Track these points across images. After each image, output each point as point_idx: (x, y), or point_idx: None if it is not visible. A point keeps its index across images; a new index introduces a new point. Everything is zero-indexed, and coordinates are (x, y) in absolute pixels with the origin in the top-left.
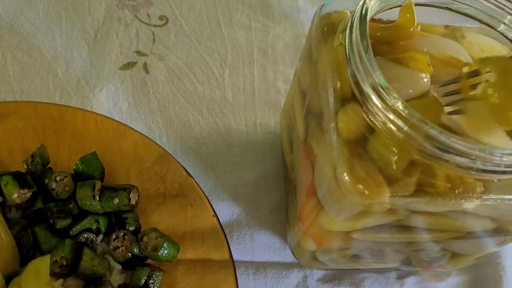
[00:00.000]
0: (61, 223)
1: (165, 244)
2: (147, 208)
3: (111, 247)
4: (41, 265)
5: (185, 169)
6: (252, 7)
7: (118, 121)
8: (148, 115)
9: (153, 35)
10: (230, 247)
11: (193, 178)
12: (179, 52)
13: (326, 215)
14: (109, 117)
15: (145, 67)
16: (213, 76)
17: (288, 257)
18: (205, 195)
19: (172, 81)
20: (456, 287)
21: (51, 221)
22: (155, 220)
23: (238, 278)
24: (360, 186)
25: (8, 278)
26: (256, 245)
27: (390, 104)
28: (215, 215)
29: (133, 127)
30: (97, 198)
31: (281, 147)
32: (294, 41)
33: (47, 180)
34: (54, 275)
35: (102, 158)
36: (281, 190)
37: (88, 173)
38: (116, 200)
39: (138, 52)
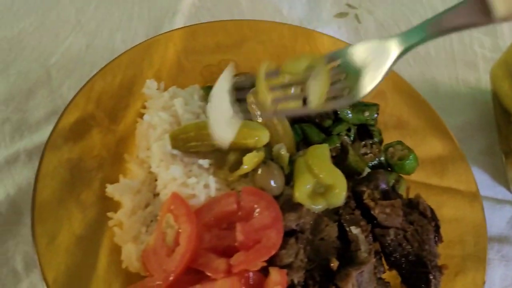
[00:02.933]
0: (326, 122)
1: (411, 156)
2: None
3: (360, 152)
4: (322, 149)
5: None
6: None
7: None
8: None
9: None
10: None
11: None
12: (385, 9)
13: None
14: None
15: (357, 17)
16: None
17: (499, 194)
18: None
19: (381, 33)
20: None
21: (317, 120)
22: None
23: None
24: None
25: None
26: None
27: None
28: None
29: None
30: (351, 108)
31: (494, 99)
32: None
33: None
34: None
35: None
36: (486, 137)
37: None
38: (366, 113)
39: (349, 5)
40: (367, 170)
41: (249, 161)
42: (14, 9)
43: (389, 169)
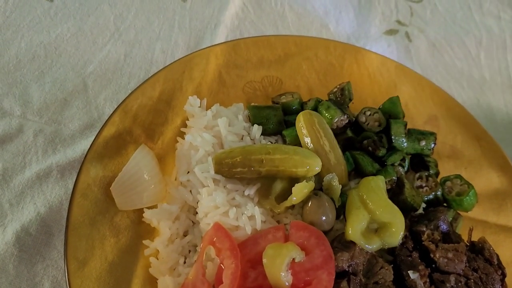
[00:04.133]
0: (380, 152)
1: (471, 192)
2: None
3: (415, 185)
4: (378, 182)
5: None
6: None
7: (388, 78)
8: (414, 79)
9: (411, 9)
10: None
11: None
12: (437, 28)
13: None
14: (380, 73)
15: (407, 36)
16: (469, 55)
17: None
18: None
19: (433, 53)
20: None
21: (370, 148)
22: None
23: None
24: None
25: None
26: None
27: None
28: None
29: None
30: (406, 136)
31: None
32: None
33: (356, 113)
34: None
35: None
36: None
37: (394, 113)
38: (423, 143)
39: (399, 22)
40: (422, 205)
41: (299, 192)
42: (52, 13)
43: (445, 204)
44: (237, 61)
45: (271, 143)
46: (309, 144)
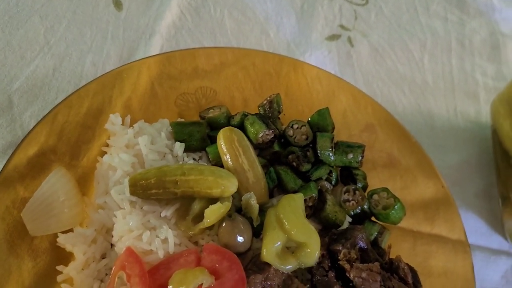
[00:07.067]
0: (305, 167)
1: (397, 205)
2: None
3: (342, 199)
4: (296, 201)
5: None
6: (448, 0)
7: (327, 86)
8: (353, 87)
9: (355, 12)
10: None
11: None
12: (381, 32)
13: None
14: (319, 81)
15: (350, 41)
16: (413, 59)
17: (494, 243)
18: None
19: (375, 58)
20: None
21: (295, 164)
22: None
23: None
24: None
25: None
26: None
27: None
28: (444, 186)
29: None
30: (333, 150)
31: (494, 136)
32: (490, 38)
33: (284, 126)
34: None
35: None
36: (484, 177)
37: (323, 126)
38: (350, 156)
39: (342, 26)
40: (349, 219)
41: (212, 214)
42: None
43: (373, 218)
44: (171, 72)
45: (195, 160)
46: (228, 162)
